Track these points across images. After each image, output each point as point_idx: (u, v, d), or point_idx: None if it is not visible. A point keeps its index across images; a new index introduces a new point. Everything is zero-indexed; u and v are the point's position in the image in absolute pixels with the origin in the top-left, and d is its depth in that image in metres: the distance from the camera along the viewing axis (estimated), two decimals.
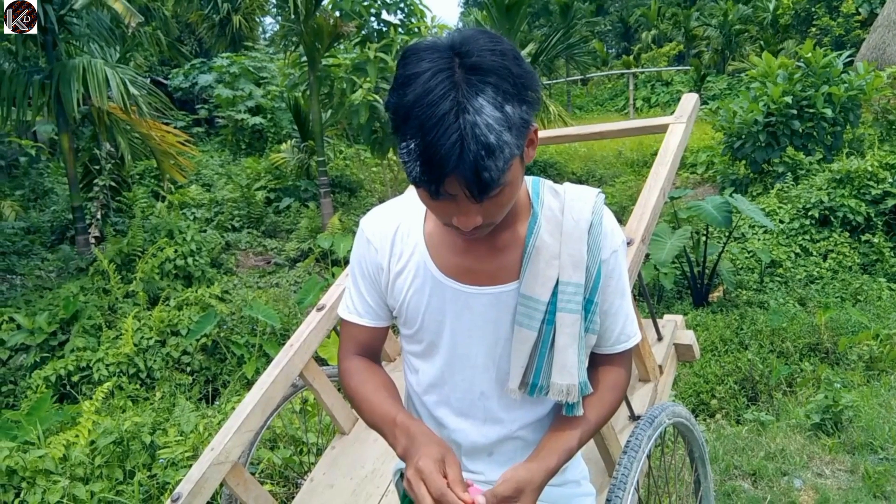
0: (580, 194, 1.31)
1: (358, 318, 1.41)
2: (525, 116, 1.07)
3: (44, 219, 10.68)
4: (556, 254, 1.26)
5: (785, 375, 5.59)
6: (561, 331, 1.27)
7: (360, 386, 1.38)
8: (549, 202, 1.29)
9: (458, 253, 1.29)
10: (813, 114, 9.93)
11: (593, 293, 1.28)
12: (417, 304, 1.32)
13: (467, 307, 1.29)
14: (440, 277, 1.29)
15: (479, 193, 1.06)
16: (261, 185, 11.89)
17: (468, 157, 1.01)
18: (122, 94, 7.35)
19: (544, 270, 1.26)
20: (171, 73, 17.10)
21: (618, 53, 27.75)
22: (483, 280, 1.28)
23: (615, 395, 1.39)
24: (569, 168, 13.78)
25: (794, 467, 3.43)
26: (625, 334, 1.37)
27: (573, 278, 1.26)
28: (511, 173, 1.08)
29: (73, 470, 3.46)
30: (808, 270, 8.29)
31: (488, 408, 1.35)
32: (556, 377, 1.28)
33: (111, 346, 6.50)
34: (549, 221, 1.27)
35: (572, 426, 1.30)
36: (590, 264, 1.27)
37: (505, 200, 1.12)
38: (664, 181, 2.37)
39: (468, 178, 1.03)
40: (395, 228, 1.34)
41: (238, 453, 2.19)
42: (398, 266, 1.33)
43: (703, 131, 13.17)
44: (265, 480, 3.44)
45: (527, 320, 1.27)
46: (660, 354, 2.51)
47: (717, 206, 7.53)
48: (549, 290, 1.26)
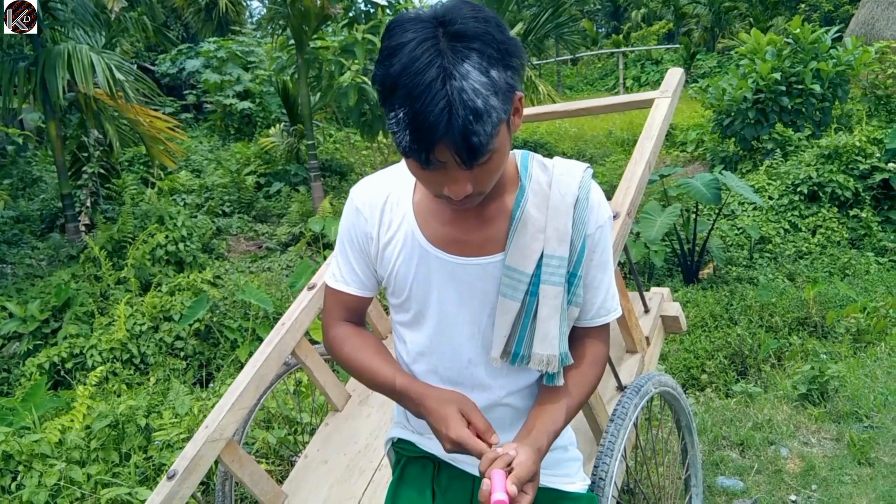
0: (568, 168, 1.33)
1: (345, 286, 1.43)
2: (510, 81, 1.09)
3: (33, 207, 10.63)
4: (541, 227, 1.28)
5: (774, 349, 5.66)
6: (544, 302, 1.30)
7: (355, 352, 1.41)
8: (538, 175, 1.31)
9: (446, 223, 1.31)
10: (802, 90, 9.94)
11: (577, 267, 1.31)
12: (405, 273, 1.34)
13: (454, 277, 1.31)
14: (428, 248, 1.31)
15: (469, 159, 1.07)
16: (250, 170, 11.85)
17: (457, 122, 1.03)
18: (109, 80, 7.29)
19: (529, 243, 1.28)
20: (158, 58, 16.96)
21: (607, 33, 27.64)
22: (470, 251, 1.30)
23: (596, 370, 1.42)
24: (559, 148, 13.77)
25: (781, 437, 3.49)
26: (605, 308, 1.40)
27: (558, 252, 1.28)
28: (499, 139, 1.10)
29: (69, 453, 3.49)
30: (797, 246, 8.36)
31: (476, 375, 1.38)
32: (538, 347, 1.31)
33: (104, 332, 6.51)
34: (537, 194, 1.29)
35: (556, 406, 1.33)
36: (574, 238, 1.29)
37: (494, 167, 1.14)
38: (650, 154, 2.39)
39: (458, 144, 1.05)
40: (384, 198, 1.36)
41: (232, 430, 2.22)
42: (387, 236, 1.35)
43: (693, 109, 13.19)
44: (260, 460, 3.47)
45: (511, 291, 1.29)
46: (647, 326, 2.54)
47: (707, 183, 7.57)
48: (534, 263, 1.28)
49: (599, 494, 1.76)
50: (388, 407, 2.63)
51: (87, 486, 3.29)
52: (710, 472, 3.17)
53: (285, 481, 2.51)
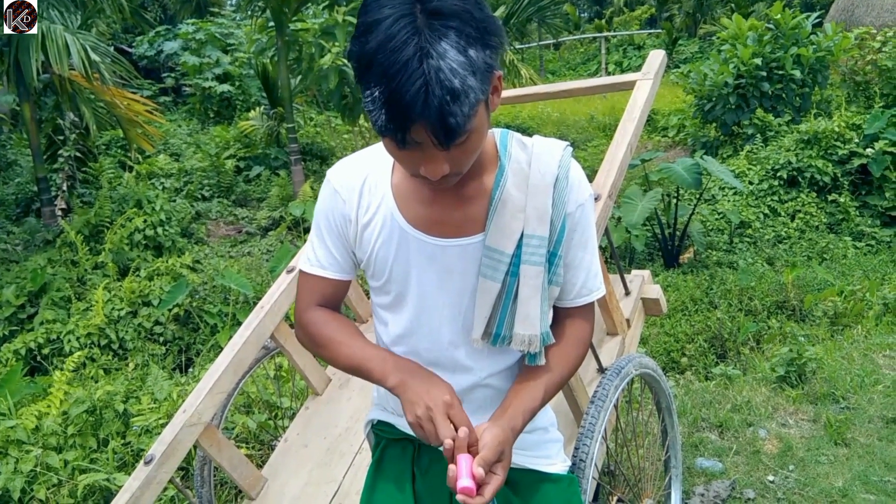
0: (548, 147, 1.31)
1: (321, 270, 1.40)
2: (489, 61, 1.07)
3: (8, 191, 10.45)
4: (521, 206, 1.26)
5: (753, 332, 5.72)
6: (524, 282, 1.28)
7: (334, 332, 1.38)
8: (517, 154, 1.29)
9: (425, 204, 1.29)
10: (782, 75, 10.00)
11: (557, 246, 1.29)
12: (385, 255, 1.32)
13: (434, 259, 1.30)
14: (407, 229, 1.29)
15: (446, 140, 1.05)
16: (230, 154, 11.70)
17: (433, 102, 1.00)
18: (84, 62, 7.15)
19: (509, 223, 1.26)
20: (136, 40, 16.66)
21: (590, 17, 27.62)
22: (449, 232, 1.29)
23: (579, 350, 1.41)
24: (541, 133, 13.74)
25: (759, 418, 3.52)
26: (587, 287, 1.38)
27: (537, 231, 1.27)
28: (477, 119, 1.08)
29: (45, 440, 3.44)
30: (777, 230, 8.43)
31: (457, 357, 1.36)
32: (519, 327, 1.30)
33: (81, 317, 6.43)
34: (516, 174, 1.27)
35: (534, 385, 1.32)
36: (554, 217, 1.28)
37: (471, 147, 1.12)
38: (631, 136, 2.38)
39: (434, 125, 1.03)
40: (362, 179, 1.33)
41: (210, 415, 2.19)
42: (366, 218, 1.32)
43: (675, 94, 13.21)
44: (241, 444, 3.45)
45: (491, 272, 1.27)
46: (627, 308, 2.55)
47: (688, 168, 7.60)
48: (514, 243, 1.27)
49: (580, 476, 1.76)
50: (368, 390, 2.61)
51: (64, 472, 3.25)
52: (689, 454, 3.20)
53: (265, 465, 2.49)
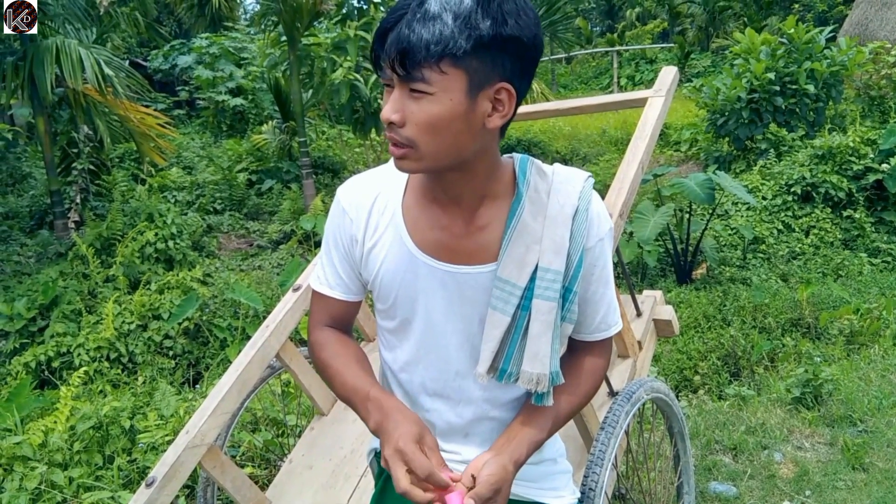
0: (568, 177, 1.26)
1: (329, 290, 1.37)
2: (488, 33, 1.04)
3: (22, 203, 10.53)
4: (537, 238, 1.21)
5: (767, 351, 5.63)
6: (536, 318, 1.22)
7: (331, 359, 1.34)
8: (536, 183, 1.23)
9: (436, 229, 1.24)
10: (796, 90, 9.92)
11: (573, 282, 1.24)
12: (391, 279, 1.27)
13: (443, 285, 1.25)
14: (416, 253, 1.24)
15: (398, 56, 1.05)
16: (242, 167, 11.76)
17: (406, 17, 1.04)
18: (97, 76, 7.21)
19: (524, 255, 1.21)
20: (151, 54, 16.84)
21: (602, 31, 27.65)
22: (460, 259, 1.23)
23: (591, 384, 1.36)
24: (553, 147, 13.73)
25: (775, 441, 3.45)
26: (605, 323, 1.33)
27: (553, 265, 1.21)
28: (443, 81, 1.05)
29: (51, 456, 3.42)
30: (791, 246, 8.34)
31: (463, 388, 1.32)
32: (527, 365, 1.24)
33: (91, 331, 6.43)
34: (534, 203, 1.22)
35: (542, 416, 1.28)
36: (571, 252, 1.22)
37: (427, 110, 1.08)
38: (643, 154, 2.34)
39: (394, 38, 1.05)
40: (372, 199, 1.29)
41: (214, 436, 2.16)
42: (373, 239, 1.28)
43: (687, 108, 13.16)
44: (246, 463, 3.42)
45: (501, 304, 1.22)
46: (639, 330, 2.50)
47: (701, 183, 7.53)
48: (528, 276, 1.21)
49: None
50: None
51: (68, 489, 3.22)
52: (702, 477, 3.13)
53: (269, 487, 2.45)
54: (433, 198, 1.24)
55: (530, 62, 1.11)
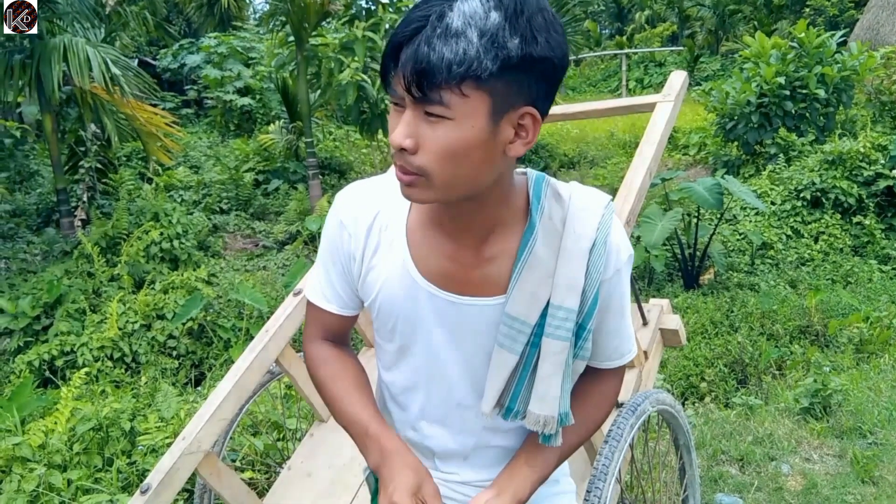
0: (587, 203, 1.14)
1: (325, 302, 1.28)
2: (517, 53, 0.93)
3: (30, 201, 10.54)
4: (550, 272, 1.11)
5: (775, 358, 5.58)
6: (545, 358, 1.14)
7: (329, 381, 1.28)
8: (551, 210, 1.13)
9: (442, 256, 1.15)
10: (806, 94, 9.85)
11: (587, 319, 1.14)
12: (391, 305, 1.19)
13: (446, 316, 1.17)
14: (419, 280, 1.16)
15: (414, 77, 0.93)
16: (249, 167, 11.75)
17: (425, 32, 0.93)
18: (104, 75, 7.20)
19: (535, 290, 1.11)
20: (160, 53, 16.87)
21: (611, 34, 27.56)
22: (466, 289, 1.15)
23: (600, 415, 1.30)
24: (560, 149, 13.69)
25: (782, 452, 3.39)
26: (619, 351, 1.25)
27: (566, 303, 1.12)
28: (464, 106, 0.94)
29: (50, 457, 3.39)
30: (800, 252, 8.27)
31: (465, 418, 1.25)
32: (535, 406, 1.16)
33: (95, 330, 6.42)
34: (548, 233, 1.12)
35: (548, 451, 1.22)
36: (587, 288, 1.12)
37: (444, 137, 0.96)
38: (650, 161, 2.30)
39: (410, 55, 0.94)
40: (374, 215, 1.19)
41: (210, 443, 2.12)
42: (373, 260, 1.19)
43: (696, 112, 13.09)
44: (246, 467, 3.38)
45: (509, 342, 1.13)
46: (645, 340, 2.45)
47: (709, 187, 7.47)
48: (538, 312, 1.12)
49: None
50: None
51: (66, 492, 3.20)
52: (708, 489, 3.08)
53: (267, 494, 2.42)
54: (439, 223, 1.14)
55: (557, 83, 1.02)
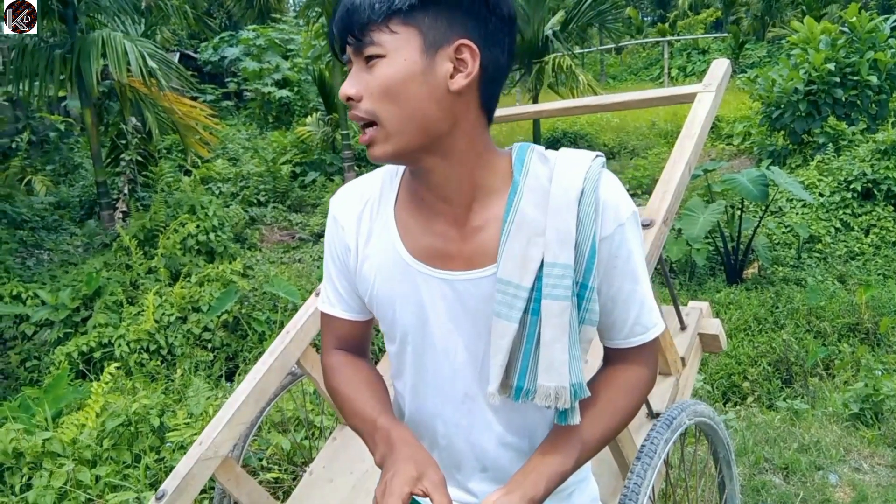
0: (573, 158, 1.10)
1: (332, 308, 1.25)
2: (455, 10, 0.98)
3: (73, 194, 10.74)
4: (540, 230, 1.06)
5: (822, 357, 5.36)
6: (547, 322, 1.06)
7: (341, 385, 1.23)
8: (536, 169, 1.09)
9: (429, 233, 1.11)
10: (857, 81, 9.50)
11: (587, 275, 1.07)
12: (388, 292, 1.14)
13: (442, 295, 1.11)
14: (409, 261, 1.12)
15: (343, 22, 1.00)
16: (286, 159, 11.80)
17: None
18: (142, 68, 7.24)
19: (525, 249, 1.06)
20: (201, 46, 17.05)
21: (653, 21, 27.01)
22: (458, 264, 1.10)
23: (628, 402, 1.18)
24: (600, 139, 13.45)
25: (830, 461, 3.22)
26: (640, 325, 1.15)
27: (560, 259, 1.05)
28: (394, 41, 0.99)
29: (80, 452, 3.40)
30: (849, 246, 7.97)
31: (475, 411, 1.17)
32: (543, 378, 1.07)
33: (132, 322, 6.47)
34: (534, 191, 1.07)
35: (566, 443, 1.12)
36: (580, 241, 1.06)
37: (381, 75, 1.00)
38: (690, 155, 2.16)
39: (341, 9, 1.00)
40: (362, 205, 1.18)
41: (228, 447, 2.07)
42: (366, 248, 1.16)
43: (741, 101, 12.73)
44: (272, 466, 3.34)
45: (505, 310, 1.06)
46: (682, 345, 2.31)
47: (753, 179, 7.23)
48: (532, 274, 1.05)
49: None
50: None
51: (94, 488, 3.20)
52: (750, 500, 2.94)
53: (288, 500, 2.36)
54: (421, 199, 1.12)
55: (498, 26, 1.02)
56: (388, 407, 1.19)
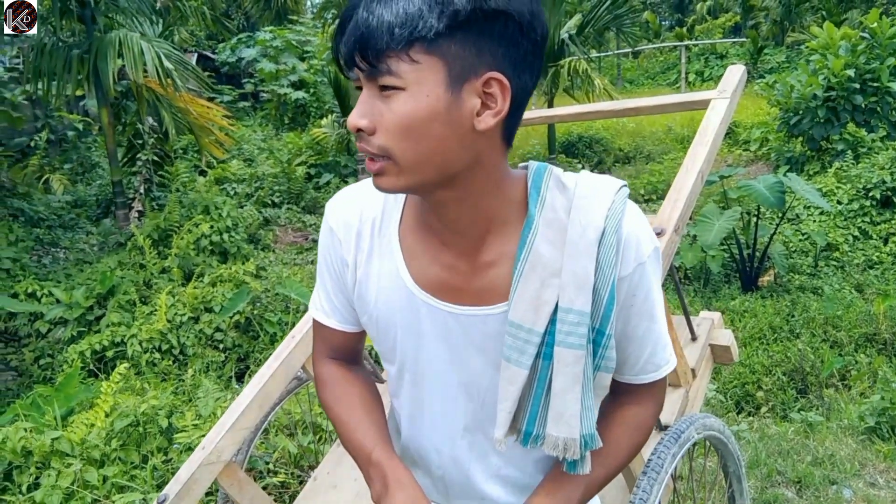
0: (594, 190, 1.00)
1: (325, 317, 1.18)
2: (466, 7, 0.84)
3: (90, 192, 10.83)
4: (556, 270, 0.98)
5: (838, 368, 5.28)
6: (559, 370, 1.00)
7: (335, 403, 1.17)
8: (553, 200, 1.00)
9: (437, 263, 1.04)
10: (877, 88, 9.38)
11: (605, 322, 1.00)
12: (389, 318, 1.08)
13: (446, 328, 1.05)
14: (415, 290, 1.05)
15: (357, 46, 0.86)
16: (301, 161, 11.84)
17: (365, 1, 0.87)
18: (157, 69, 7.28)
19: (539, 291, 0.98)
20: (218, 47, 17.15)
21: (671, 25, 26.89)
22: (466, 298, 1.03)
23: (636, 440, 1.13)
24: (616, 144, 13.38)
25: (845, 475, 3.16)
26: (653, 363, 1.09)
27: (576, 304, 0.98)
28: (415, 73, 0.86)
29: (88, 452, 3.41)
30: (867, 255, 7.86)
31: (475, 444, 1.13)
32: (552, 427, 1.02)
33: (145, 321, 6.50)
34: (550, 226, 0.99)
35: (570, 485, 1.07)
36: (599, 286, 0.98)
37: (399, 110, 0.88)
38: (703, 163, 2.12)
39: (352, 26, 0.87)
40: (364, 219, 1.09)
41: (231, 452, 2.06)
42: (365, 267, 1.09)
43: (759, 106, 12.62)
44: (279, 469, 3.33)
45: (516, 355, 1.00)
46: (693, 356, 2.27)
47: (770, 186, 7.15)
48: (546, 318, 0.99)
49: None
50: None
51: (101, 489, 3.20)
52: None
53: None
54: (430, 228, 1.04)
55: (530, 50, 0.90)
56: (383, 433, 1.13)
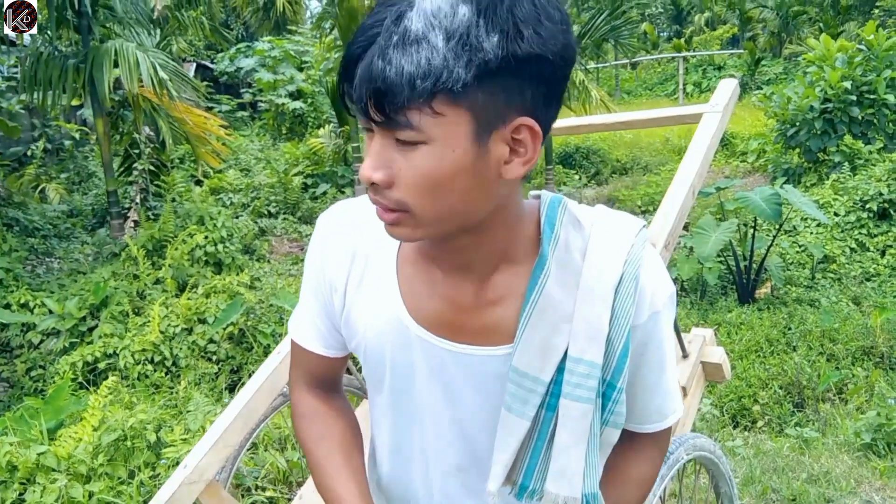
0: (612, 231, 0.93)
1: (307, 341, 1.08)
2: (497, 54, 0.74)
3: (86, 202, 10.79)
4: (567, 316, 0.91)
5: (835, 381, 5.24)
6: (564, 424, 0.92)
7: (311, 443, 1.09)
8: (567, 239, 0.92)
9: (438, 297, 0.96)
10: (874, 100, 9.39)
11: (616, 375, 0.93)
12: (380, 351, 1.01)
13: (442, 366, 0.98)
14: (410, 325, 0.97)
15: (369, 97, 0.76)
16: (298, 171, 11.81)
17: (380, 41, 0.76)
18: (153, 79, 7.27)
19: (548, 337, 0.91)
20: (217, 57, 17.18)
21: (669, 37, 26.97)
22: (467, 337, 0.96)
23: (640, 493, 1.06)
24: (613, 155, 13.38)
25: (840, 493, 3.12)
26: (660, 413, 1.04)
27: (587, 355, 0.91)
28: (439, 126, 0.77)
29: (75, 467, 3.36)
30: (864, 267, 7.83)
31: (468, 482, 1.04)
32: (552, 484, 0.94)
33: (137, 333, 6.46)
34: (563, 267, 0.91)
35: None
36: (613, 336, 0.91)
37: (421, 166, 0.79)
38: (694, 178, 2.10)
39: (364, 73, 0.76)
40: (358, 241, 1.01)
41: (214, 471, 2.01)
42: (357, 294, 1.01)
43: (756, 118, 12.64)
44: (267, 486, 3.29)
45: (518, 405, 0.92)
46: (684, 374, 2.24)
47: (767, 198, 7.14)
48: (553, 366, 0.92)
49: None
50: None
51: None
52: None
53: None
54: (434, 258, 0.96)
55: (558, 83, 0.82)
56: (362, 487, 1.06)
